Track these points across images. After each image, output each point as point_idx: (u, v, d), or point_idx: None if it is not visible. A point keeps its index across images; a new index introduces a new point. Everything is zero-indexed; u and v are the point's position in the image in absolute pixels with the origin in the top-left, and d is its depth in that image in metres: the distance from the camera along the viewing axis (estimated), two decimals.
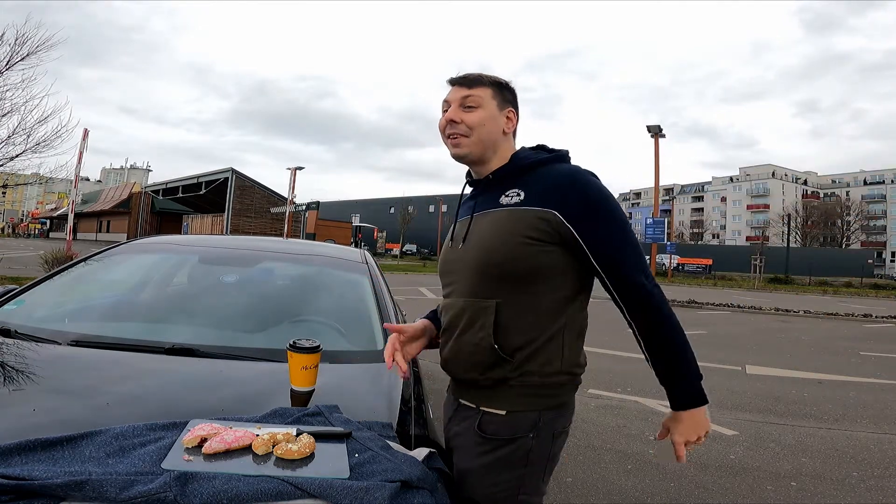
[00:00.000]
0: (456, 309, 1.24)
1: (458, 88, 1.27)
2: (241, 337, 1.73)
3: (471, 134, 1.24)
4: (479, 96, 1.25)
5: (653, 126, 17.27)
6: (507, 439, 1.16)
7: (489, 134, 1.25)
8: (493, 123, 1.26)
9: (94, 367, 1.40)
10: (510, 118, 1.29)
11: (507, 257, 1.17)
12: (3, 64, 8.43)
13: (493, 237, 1.19)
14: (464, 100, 1.25)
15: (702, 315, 12.95)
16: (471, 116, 1.24)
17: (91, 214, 48.15)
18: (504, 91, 1.29)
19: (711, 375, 6.06)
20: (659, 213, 18.88)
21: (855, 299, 22.03)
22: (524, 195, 1.20)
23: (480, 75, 1.28)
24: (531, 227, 1.16)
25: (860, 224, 65.74)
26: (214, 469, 0.92)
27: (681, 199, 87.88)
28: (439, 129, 1.29)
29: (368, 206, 59.34)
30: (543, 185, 1.20)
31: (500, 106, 1.27)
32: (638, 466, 3.24)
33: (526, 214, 1.18)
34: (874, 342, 9.49)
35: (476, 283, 1.20)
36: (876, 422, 4.53)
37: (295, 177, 25.63)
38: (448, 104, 1.28)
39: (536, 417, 1.17)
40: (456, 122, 1.25)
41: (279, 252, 2.50)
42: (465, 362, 1.21)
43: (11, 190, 12.62)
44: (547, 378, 1.17)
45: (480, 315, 1.18)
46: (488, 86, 1.27)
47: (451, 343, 1.24)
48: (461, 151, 1.26)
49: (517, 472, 1.17)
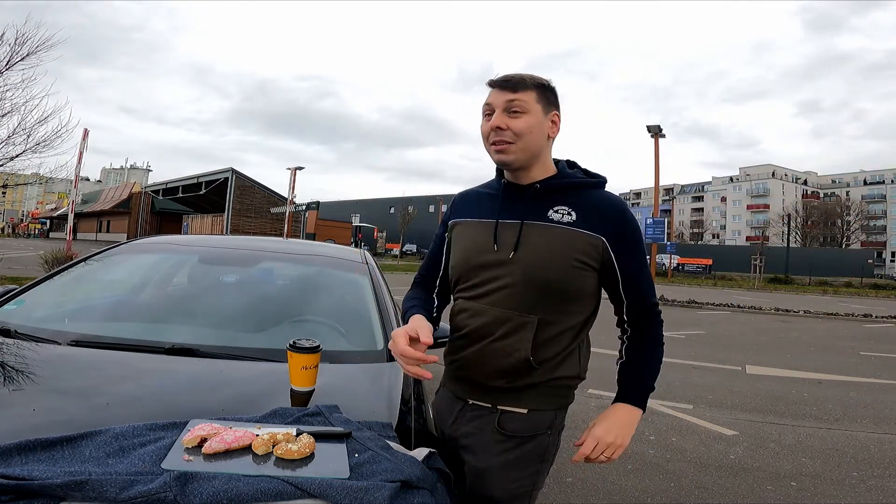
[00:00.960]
0: (490, 317, 1.21)
1: (500, 92, 1.21)
2: (241, 337, 1.73)
3: (517, 141, 1.19)
4: (525, 101, 1.19)
5: (653, 126, 17.28)
6: (528, 437, 1.22)
7: (535, 141, 1.21)
8: (539, 129, 1.21)
9: (94, 367, 1.40)
10: (555, 122, 1.25)
11: (558, 276, 1.18)
12: (3, 64, 8.43)
13: (548, 254, 1.18)
14: (509, 104, 1.19)
15: (702, 315, 12.95)
16: (518, 123, 1.19)
17: (91, 214, 48.13)
18: (548, 93, 1.23)
19: (711, 375, 6.06)
20: (659, 213, 18.87)
21: (855, 299, 22.03)
22: (576, 216, 1.20)
23: (524, 77, 1.21)
24: (581, 251, 1.18)
25: (860, 224, 65.71)
26: (214, 469, 0.92)
27: (681, 199, 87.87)
28: (482, 134, 1.24)
29: (368, 206, 59.32)
30: (593, 210, 1.21)
31: (545, 110, 1.23)
32: (638, 466, 3.24)
33: (579, 237, 1.19)
34: (874, 342, 9.49)
35: (522, 296, 1.19)
36: (876, 422, 4.53)
37: (295, 177, 25.65)
38: (490, 108, 1.22)
39: (553, 416, 1.25)
40: (502, 129, 1.19)
41: (279, 252, 2.50)
42: (492, 369, 1.22)
43: (11, 190, 12.61)
44: (566, 382, 1.25)
45: (520, 328, 1.19)
46: (533, 88, 1.21)
47: (477, 348, 1.23)
48: (507, 158, 1.21)
49: (536, 467, 1.23)
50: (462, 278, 1.29)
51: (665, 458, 3.41)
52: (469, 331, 1.24)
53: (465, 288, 1.28)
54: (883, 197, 70.38)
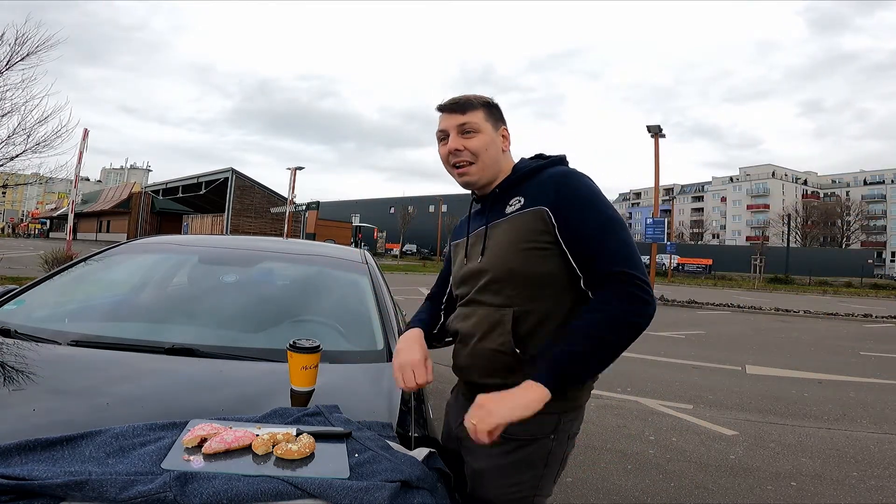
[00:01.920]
0: (473, 318, 1.24)
1: (450, 115, 1.26)
2: (241, 337, 1.73)
3: (476, 160, 1.25)
4: (475, 121, 1.25)
5: (653, 126, 17.25)
6: (528, 440, 1.17)
7: (492, 156, 1.26)
8: (493, 145, 1.26)
9: (94, 367, 1.40)
10: (505, 136, 1.31)
11: (518, 264, 1.18)
12: (3, 64, 8.43)
13: (504, 245, 1.20)
14: (461, 127, 1.24)
15: (702, 315, 12.95)
16: (472, 143, 1.24)
17: (91, 214, 48.12)
18: (494, 110, 1.29)
19: (711, 375, 6.06)
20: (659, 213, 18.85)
21: (855, 299, 22.03)
22: (524, 200, 1.22)
23: (469, 99, 1.27)
24: (531, 230, 1.17)
25: (860, 224, 65.70)
26: (214, 469, 0.92)
27: (681, 199, 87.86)
28: (442, 159, 1.29)
29: (368, 206, 59.30)
30: (538, 188, 1.21)
31: (495, 126, 1.28)
32: (638, 466, 3.24)
33: (525, 217, 1.19)
34: (874, 342, 9.49)
35: (496, 293, 1.20)
36: (876, 422, 4.53)
37: (295, 177, 25.62)
38: (445, 133, 1.27)
39: (557, 419, 1.18)
40: (459, 150, 1.24)
41: (279, 252, 2.50)
42: (485, 368, 1.22)
43: (11, 190, 12.61)
44: None
45: (498, 323, 1.19)
46: (480, 108, 1.26)
47: (469, 350, 1.25)
48: (470, 179, 1.27)
49: (536, 472, 1.18)
50: (454, 291, 1.38)
51: (665, 458, 3.41)
52: (461, 335, 1.28)
53: (457, 299, 1.36)
54: (883, 197, 70.39)
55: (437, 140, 1.30)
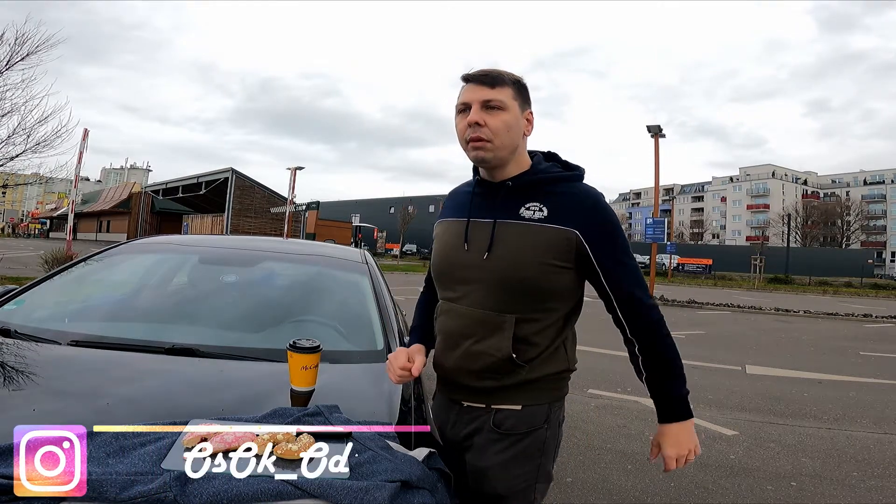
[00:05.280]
0: (469, 319, 1.21)
1: (477, 87, 1.17)
2: (242, 337, 1.73)
3: (494, 139, 1.17)
4: (503, 98, 1.17)
5: (652, 126, 17.22)
6: (524, 433, 1.21)
7: (512, 139, 1.19)
8: (516, 127, 1.19)
9: (94, 367, 1.40)
10: (529, 120, 1.24)
11: (532, 275, 1.16)
12: (3, 64, 8.42)
13: (520, 253, 1.17)
14: (486, 102, 1.16)
15: (702, 315, 12.95)
16: (495, 120, 1.16)
17: (91, 214, 48.11)
18: (523, 90, 1.22)
19: (711, 375, 6.06)
20: (659, 213, 18.85)
21: (855, 299, 22.03)
22: (547, 212, 1.18)
23: (501, 73, 1.19)
24: (553, 248, 1.17)
25: (860, 224, 65.70)
26: (214, 469, 0.92)
27: (681, 199, 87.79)
28: (457, 131, 1.21)
29: (368, 206, 59.26)
30: (565, 205, 1.19)
31: (522, 107, 1.21)
32: (638, 466, 3.24)
33: (551, 233, 1.17)
34: (874, 342, 9.49)
35: (499, 297, 1.19)
36: (876, 422, 4.53)
37: (295, 177, 25.61)
38: (466, 105, 1.18)
39: (548, 409, 1.24)
40: (480, 125, 1.16)
41: (279, 252, 2.50)
42: (478, 371, 1.22)
43: (11, 190, 12.59)
44: (556, 377, 1.24)
45: (499, 329, 1.18)
46: (510, 85, 1.19)
47: (461, 351, 1.23)
48: (485, 156, 1.19)
49: (536, 461, 1.22)
50: (441, 278, 1.30)
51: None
52: (451, 334, 1.25)
53: (444, 288, 1.30)
54: (883, 197, 70.32)
55: (455, 111, 1.22)
